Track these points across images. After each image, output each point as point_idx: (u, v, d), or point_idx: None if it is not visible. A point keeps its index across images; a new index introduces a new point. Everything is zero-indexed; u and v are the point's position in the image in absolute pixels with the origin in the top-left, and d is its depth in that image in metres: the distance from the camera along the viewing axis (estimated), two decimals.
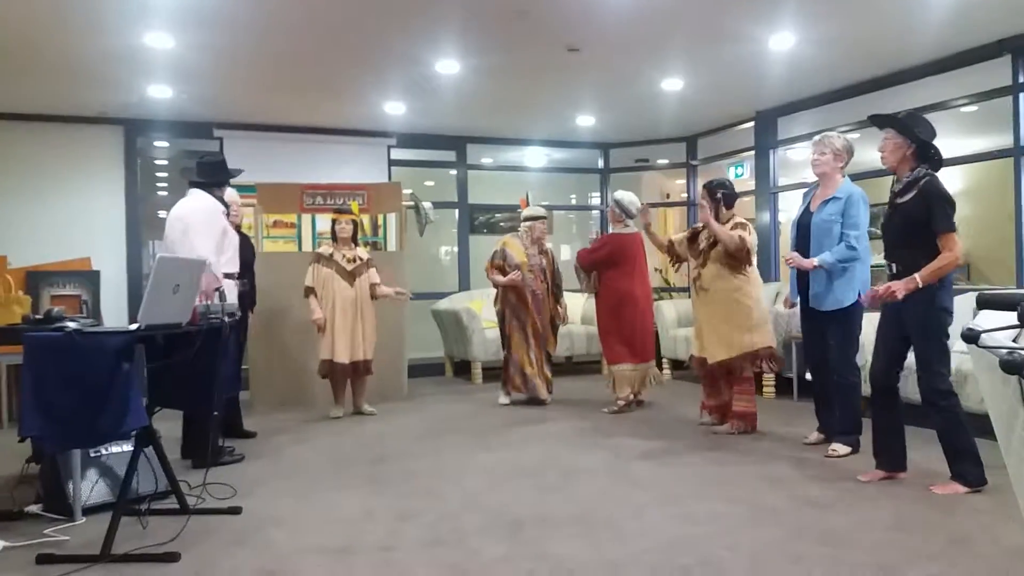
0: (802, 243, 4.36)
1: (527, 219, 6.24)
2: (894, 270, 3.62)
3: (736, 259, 4.79)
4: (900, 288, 3.45)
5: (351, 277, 5.79)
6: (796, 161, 7.99)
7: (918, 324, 3.54)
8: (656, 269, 9.15)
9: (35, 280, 5.65)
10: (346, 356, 5.73)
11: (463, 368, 7.96)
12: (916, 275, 3.44)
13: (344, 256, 5.82)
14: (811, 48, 5.68)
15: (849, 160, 4.37)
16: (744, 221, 4.95)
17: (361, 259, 5.89)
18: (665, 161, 9.57)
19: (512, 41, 5.43)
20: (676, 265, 5.43)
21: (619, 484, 3.84)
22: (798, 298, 4.48)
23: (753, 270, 4.91)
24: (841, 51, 5.78)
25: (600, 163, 9.37)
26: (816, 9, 4.95)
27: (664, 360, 7.58)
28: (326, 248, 5.88)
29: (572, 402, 6.23)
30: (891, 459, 3.76)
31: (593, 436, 4.98)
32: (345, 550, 2.99)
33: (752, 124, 7.90)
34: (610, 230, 6.07)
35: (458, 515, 3.38)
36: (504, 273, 6.08)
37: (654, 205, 9.85)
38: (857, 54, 5.88)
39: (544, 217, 6.28)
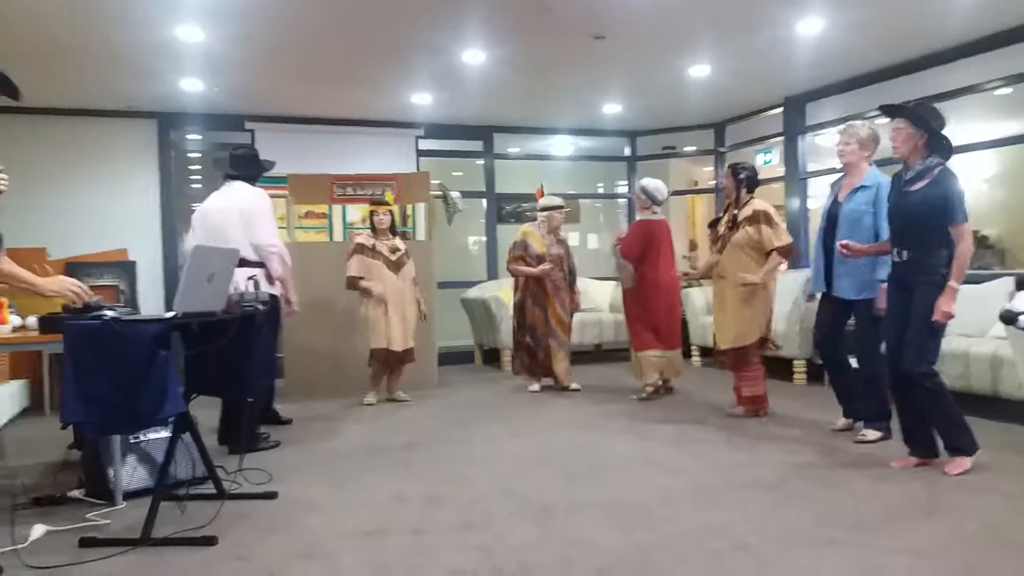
0: (831, 233, 4.32)
1: (544, 209, 6.25)
2: (904, 257, 3.64)
3: (778, 254, 4.82)
4: (950, 304, 3.49)
5: (396, 267, 5.87)
6: (825, 147, 7.89)
7: (924, 307, 3.55)
8: (684, 256, 9.11)
9: (73, 271, 5.77)
10: (400, 344, 5.81)
11: (492, 356, 8.00)
12: (951, 283, 3.49)
13: (387, 246, 5.88)
14: (840, 33, 5.60)
15: (875, 148, 4.33)
16: (765, 210, 4.89)
17: (401, 249, 5.95)
18: (692, 148, 9.50)
19: (538, 30, 5.42)
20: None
21: (648, 470, 3.85)
22: (822, 289, 4.44)
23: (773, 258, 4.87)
24: (870, 36, 5.70)
25: (627, 151, 9.33)
26: None
27: (693, 347, 7.55)
28: (367, 239, 5.93)
29: (601, 389, 6.24)
30: (921, 445, 3.74)
31: (622, 423, 4.99)
32: (378, 533, 3.05)
33: (781, 110, 7.81)
34: (636, 217, 6.05)
35: (489, 499, 3.42)
36: (526, 264, 6.10)
37: (682, 192, 9.85)
38: (886, 39, 5.80)
39: (561, 207, 6.28)
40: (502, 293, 7.74)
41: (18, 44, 5.24)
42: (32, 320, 3.69)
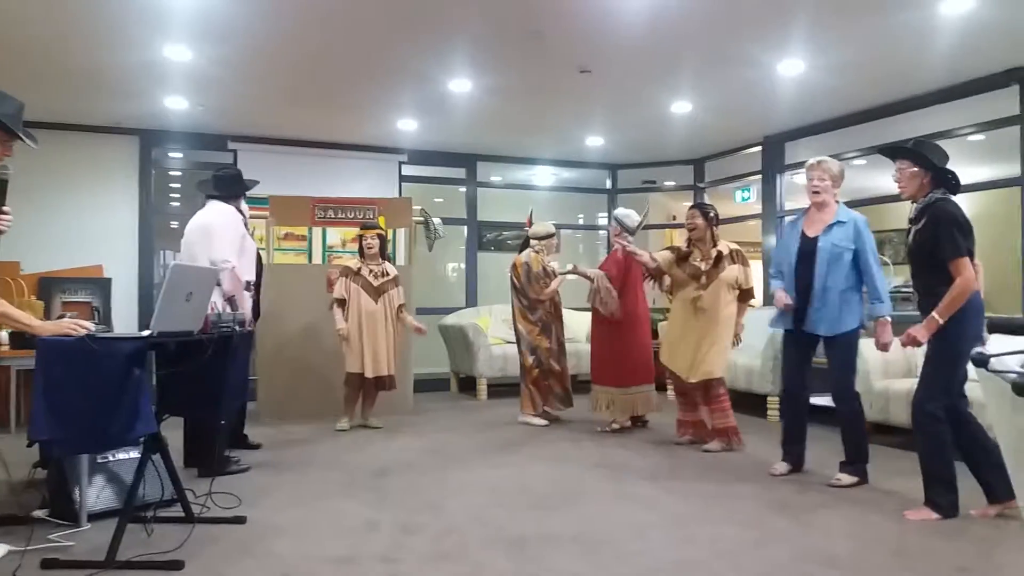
0: (804, 269, 4.25)
1: (546, 236, 6.25)
2: (918, 295, 3.67)
3: (750, 294, 5.07)
4: (922, 334, 3.48)
5: (377, 293, 5.84)
6: (803, 186, 8.00)
7: (930, 348, 3.54)
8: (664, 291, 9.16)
9: (47, 286, 5.69)
10: (372, 370, 5.78)
11: (468, 384, 7.96)
12: (934, 313, 3.44)
13: (372, 271, 5.86)
14: (820, 74, 5.73)
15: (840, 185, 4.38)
16: (740, 250, 5.13)
17: (388, 275, 5.93)
18: (672, 183, 9.62)
19: (524, 61, 5.49)
20: (654, 281, 5.45)
21: (622, 504, 3.84)
22: (787, 325, 4.35)
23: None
24: (850, 78, 5.83)
25: (608, 183, 9.42)
26: (826, 36, 5.00)
27: (668, 381, 7.56)
28: (355, 263, 5.91)
29: (576, 421, 6.23)
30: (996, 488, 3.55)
31: (596, 455, 4.97)
32: (349, 560, 3.00)
33: (759, 148, 7.94)
34: (604, 249, 6.10)
35: (462, 529, 3.39)
36: (546, 287, 6.14)
37: (660, 226, 9.94)
38: (866, 81, 5.93)
39: (555, 233, 6.34)
40: (481, 321, 7.73)
41: (5, 59, 5.20)
42: (3, 335, 3.63)
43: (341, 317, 5.78)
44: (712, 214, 5.11)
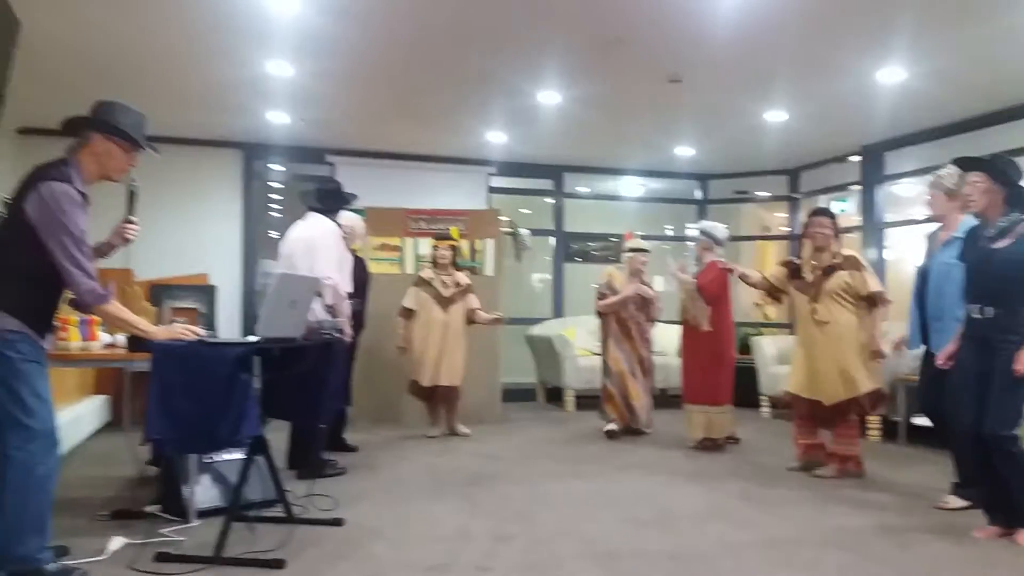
0: (923, 288, 4.13)
1: (629, 251, 6.24)
2: (987, 315, 3.48)
3: (872, 303, 4.66)
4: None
5: (446, 303, 5.94)
6: (905, 198, 7.72)
7: (1010, 368, 3.36)
8: (756, 304, 8.96)
9: (158, 293, 5.97)
10: (428, 380, 5.87)
11: (555, 395, 7.97)
12: None
13: (443, 282, 5.97)
14: (922, 82, 5.51)
15: None
16: (856, 255, 4.78)
17: (459, 285, 6.02)
18: (766, 194, 9.40)
19: (613, 72, 5.49)
20: (774, 301, 5.28)
21: (715, 522, 3.76)
22: (918, 346, 4.23)
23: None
24: (954, 86, 5.59)
25: (698, 194, 9.28)
26: (929, 43, 4.82)
27: (762, 398, 7.39)
28: (427, 273, 6.04)
29: (666, 436, 6.14)
30: (1003, 514, 3.53)
31: (688, 471, 4.89)
32: (443, 567, 3.04)
33: (858, 158, 7.69)
34: (692, 263, 5.98)
35: (553, 541, 3.39)
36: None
37: (753, 238, 9.73)
38: (971, 89, 5.68)
39: (646, 250, 6.26)
40: (568, 332, 7.72)
41: (122, 77, 5.53)
42: (121, 338, 3.83)
43: (404, 328, 5.93)
44: (838, 222, 4.85)
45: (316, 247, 4.67)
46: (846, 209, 8.56)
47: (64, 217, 2.73)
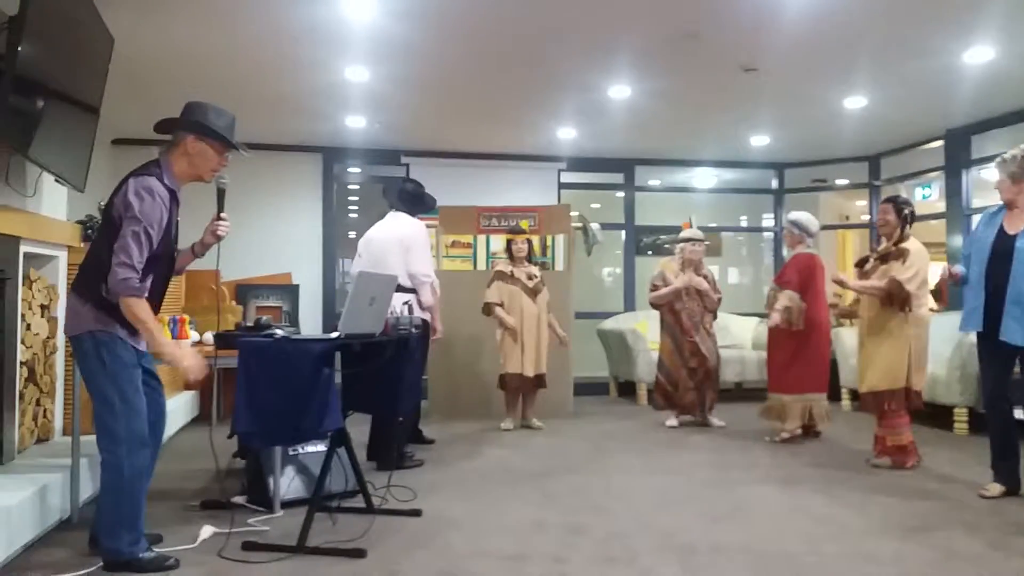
0: (998, 269, 3.90)
1: (681, 240, 6.19)
2: None
3: (892, 301, 4.50)
4: None
5: (533, 294, 6.02)
6: (992, 182, 7.38)
7: None
8: (835, 295, 8.73)
9: (243, 292, 6.25)
10: (532, 369, 5.93)
11: (627, 389, 7.94)
12: None
13: (525, 274, 6.03)
14: (1010, 62, 5.27)
15: None
16: (909, 249, 4.57)
17: (537, 277, 6.08)
18: (845, 181, 9.14)
19: (685, 63, 5.43)
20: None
21: (792, 516, 3.70)
22: (977, 327, 4.01)
23: (918, 308, 4.53)
24: None
25: (774, 183, 9.09)
26: (1020, 21, 4.60)
27: (843, 390, 7.21)
28: (505, 266, 6.10)
29: (742, 429, 6.06)
30: None
31: (765, 465, 4.83)
32: (519, 558, 3.10)
33: (942, 143, 7.41)
34: (786, 252, 5.87)
35: (629, 534, 3.40)
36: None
37: (833, 227, 9.46)
38: None
39: (699, 240, 6.18)
40: (639, 325, 7.68)
41: (208, 87, 5.76)
42: (208, 336, 4.02)
43: (505, 314, 5.92)
44: (907, 211, 4.64)
45: (412, 246, 4.79)
46: (929, 195, 8.25)
47: (138, 207, 2.81)
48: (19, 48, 3.02)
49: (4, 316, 3.62)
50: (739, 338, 8.10)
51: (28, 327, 3.94)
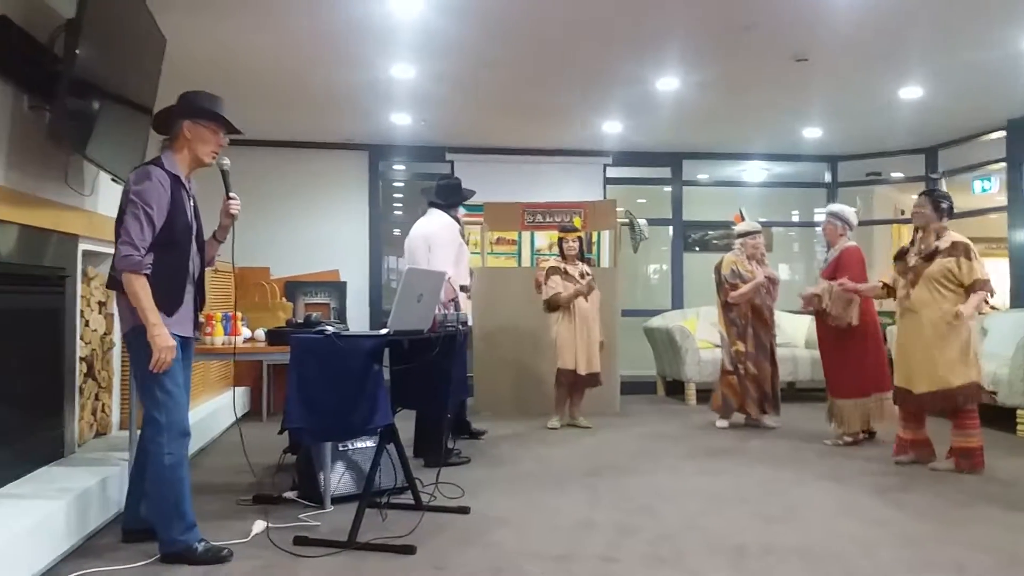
0: None
1: (741, 235, 6.07)
2: None
3: (975, 287, 4.34)
4: None
5: (587, 291, 5.97)
6: None
7: None
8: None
9: (292, 289, 6.35)
10: (584, 367, 5.90)
11: (675, 388, 7.85)
12: None
13: (577, 272, 6.00)
14: None
15: None
16: (966, 243, 4.43)
17: (589, 274, 6.05)
18: (900, 174, 8.90)
19: (735, 54, 5.34)
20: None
21: (847, 519, 3.61)
22: None
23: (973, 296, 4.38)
24: None
25: (827, 177, 8.89)
26: None
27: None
28: (558, 263, 6.06)
29: (796, 430, 5.93)
30: None
31: (818, 466, 4.72)
32: (567, 557, 3.07)
33: (1003, 134, 7.16)
34: (822, 248, 5.72)
35: (678, 535, 3.35)
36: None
37: (887, 221, 9.22)
38: None
39: (759, 231, 6.07)
40: (688, 323, 7.59)
41: (256, 86, 5.86)
42: (260, 332, 4.07)
43: (570, 294, 5.87)
44: (945, 204, 4.54)
45: (433, 242, 4.84)
46: (989, 188, 8.00)
47: (134, 190, 2.89)
48: (77, 51, 3.08)
49: (64, 312, 3.72)
50: (791, 336, 7.95)
51: (87, 323, 4.04)
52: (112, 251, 4.27)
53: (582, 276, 6.01)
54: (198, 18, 4.52)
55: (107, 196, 4.25)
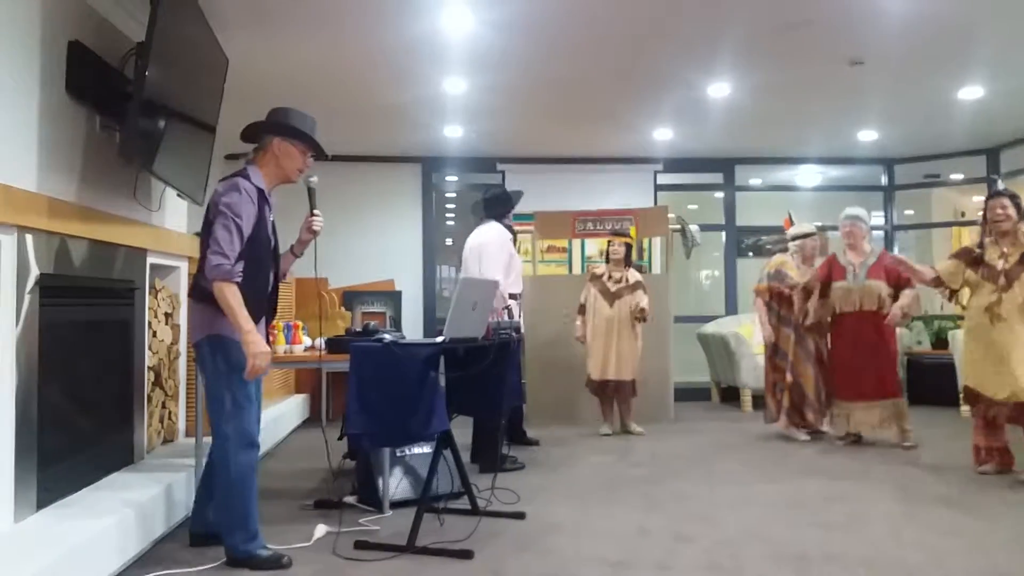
0: None
1: (796, 237, 5.99)
2: None
3: None
4: None
5: (612, 298, 5.97)
6: None
7: None
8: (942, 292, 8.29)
9: (350, 299, 6.48)
10: (598, 373, 5.92)
11: (730, 394, 7.76)
12: None
13: (612, 277, 6.00)
14: None
15: None
16: None
17: (628, 281, 6.01)
18: (960, 176, 8.67)
19: (790, 57, 5.28)
20: (953, 296, 4.82)
21: (913, 527, 3.53)
22: None
23: None
24: None
25: (883, 180, 8.71)
26: None
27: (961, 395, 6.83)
28: (599, 268, 6.10)
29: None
30: None
31: (880, 473, 4.62)
32: (623, 564, 3.07)
33: None
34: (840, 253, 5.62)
35: (736, 543, 3.32)
36: (780, 294, 5.83)
37: (947, 224, 8.98)
38: None
39: (813, 234, 5.98)
40: (742, 329, 7.50)
41: (313, 103, 5.96)
42: (320, 341, 4.16)
43: (581, 323, 6.01)
44: (1020, 204, 4.45)
45: (484, 252, 4.91)
46: None
47: (224, 201, 2.95)
48: (146, 73, 3.21)
49: (133, 324, 3.87)
50: None
51: (154, 334, 4.19)
52: (176, 264, 4.47)
53: (616, 282, 5.99)
54: (257, 36, 4.66)
55: (173, 211, 4.41)
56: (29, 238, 2.87)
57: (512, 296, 4.89)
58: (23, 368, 2.83)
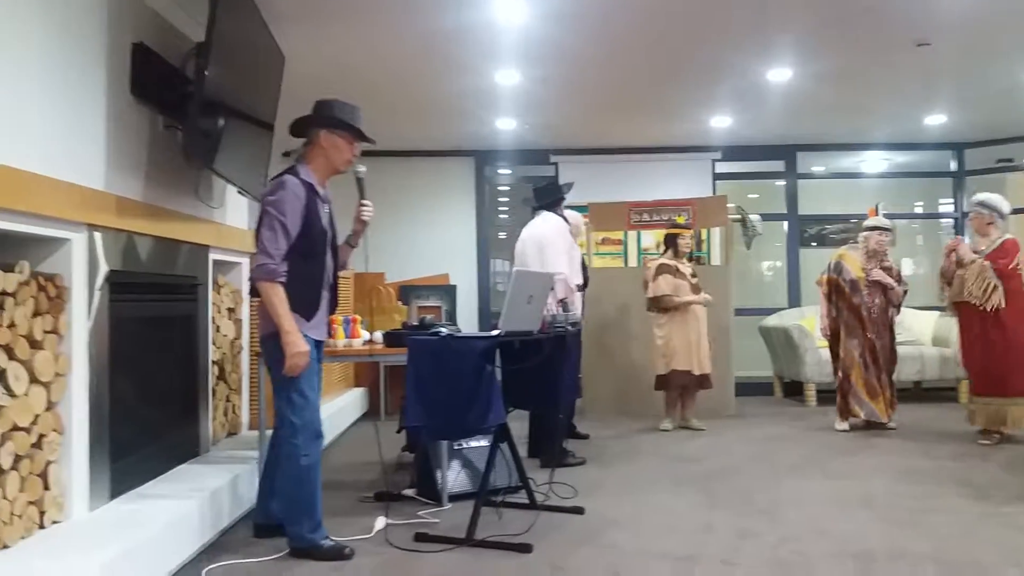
0: None
1: (864, 229, 5.82)
2: None
3: None
4: None
5: (696, 290, 5.89)
6: None
7: None
8: None
9: (406, 293, 6.52)
10: (698, 368, 5.83)
11: (794, 389, 7.58)
12: None
13: (688, 271, 5.92)
14: None
15: None
16: None
17: (697, 274, 5.95)
18: None
19: (852, 41, 5.11)
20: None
21: (986, 524, 3.40)
22: None
23: None
24: None
25: (953, 165, 8.39)
26: None
27: None
28: (670, 260, 5.97)
29: (923, 431, 5.62)
30: None
31: (953, 470, 4.45)
32: (688, 559, 3.03)
33: None
34: (966, 240, 5.40)
35: (801, 539, 3.24)
36: (839, 288, 5.70)
37: (1021, 212, 8.61)
38: None
39: (885, 229, 5.79)
40: (806, 322, 7.32)
41: (366, 97, 6.01)
42: (378, 335, 4.20)
43: (687, 300, 5.81)
44: None
45: (544, 244, 4.87)
46: None
47: (269, 201, 3.00)
48: (206, 72, 3.28)
49: (197, 319, 3.96)
50: (917, 333, 7.54)
51: (217, 328, 4.29)
52: (238, 260, 4.57)
53: (693, 276, 5.90)
54: (310, 32, 4.70)
55: (234, 208, 4.51)
56: (98, 236, 2.96)
57: (578, 287, 4.85)
58: (95, 362, 2.93)
